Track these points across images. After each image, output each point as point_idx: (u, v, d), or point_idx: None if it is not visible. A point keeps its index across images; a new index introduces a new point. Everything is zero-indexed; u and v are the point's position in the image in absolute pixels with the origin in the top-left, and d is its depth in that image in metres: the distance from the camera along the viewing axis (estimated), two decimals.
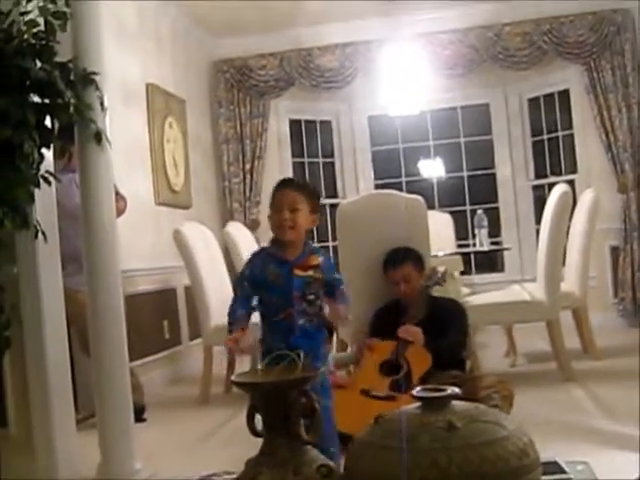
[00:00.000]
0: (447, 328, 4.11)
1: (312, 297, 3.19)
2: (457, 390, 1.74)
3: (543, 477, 1.68)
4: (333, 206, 7.73)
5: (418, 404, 1.74)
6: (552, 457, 1.99)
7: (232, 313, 3.21)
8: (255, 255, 3.34)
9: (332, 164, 9.00)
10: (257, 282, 3.22)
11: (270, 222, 3.24)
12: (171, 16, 7.36)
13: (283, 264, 3.18)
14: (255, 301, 3.28)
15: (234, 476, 1.93)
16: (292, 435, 1.79)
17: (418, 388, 1.77)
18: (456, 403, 1.73)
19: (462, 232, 8.53)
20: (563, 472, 1.96)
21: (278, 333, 3.17)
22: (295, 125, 8.88)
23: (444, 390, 1.74)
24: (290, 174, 8.54)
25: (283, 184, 3.34)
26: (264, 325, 3.26)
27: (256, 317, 3.31)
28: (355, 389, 3.84)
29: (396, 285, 4.26)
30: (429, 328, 4.06)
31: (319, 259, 3.23)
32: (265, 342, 3.22)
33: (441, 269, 4.11)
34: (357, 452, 1.72)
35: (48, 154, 3.32)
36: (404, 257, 4.32)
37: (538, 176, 8.59)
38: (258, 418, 1.91)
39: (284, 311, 3.15)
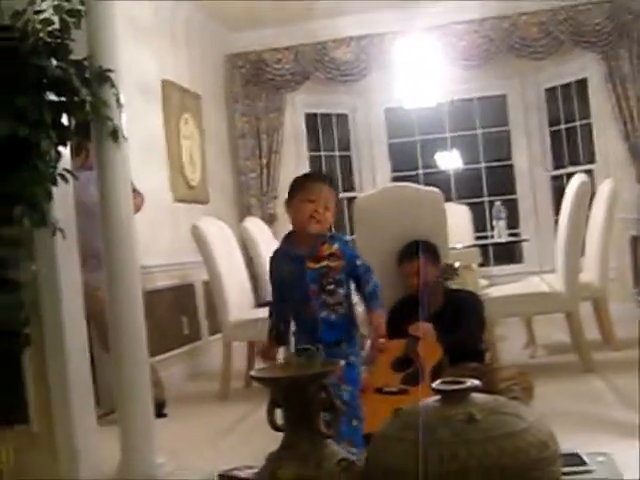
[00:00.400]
0: (463, 320, 4.11)
1: (332, 287, 3.17)
2: (477, 382, 1.74)
3: (564, 469, 1.67)
4: (350, 200, 7.73)
5: (437, 397, 1.73)
6: (573, 449, 1.98)
7: (272, 324, 3.28)
8: (272, 258, 3.35)
9: (349, 157, 9.00)
10: (278, 284, 3.26)
11: (295, 211, 3.21)
12: (186, 11, 7.36)
13: (296, 260, 3.17)
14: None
15: (255, 470, 1.94)
16: (313, 429, 1.79)
17: (438, 381, 1.77)
18: (475, 395, 1.72)
19: (480, 224, 8.50)
20: (584, 464, 1.95)
21: (305, 330, 3.20)
22: (311, 119, 8.87)
23: (463, 383, 1.73)
24: (307, 168, 8.54)
25: (319, 178, 3.38)
26: (295, 323, 3.29)
27: None
28: (370, 389, 3.84)
29: (410, 278, 4.25)
30: (445, 320, 4.06)
31: (333, 247, 3.21)
32: (297, 340, 3.24)
33: (456, 264, 4.08)
34: (377, 445, 1.72)
35: (65, 152, 3.33)
36: (417, 250, 4.31)
37: (556, 166, 8.56)
38: (278, 412, 1.92)
39: (305, 307, 3.16)
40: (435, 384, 1.77)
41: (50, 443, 3.53)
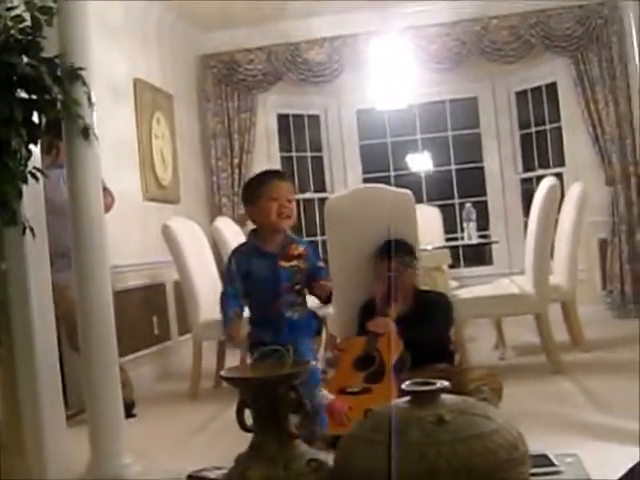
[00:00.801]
0: (432, 320, 4.13)
1: (299, 287, 3.24)
2: (446, 384, 1.75)
3: (533, 470, 1.68)
4: (321, 200, 7.73)
5: (407, 398, 1.74)
6: (541, 450, 2.00)
7: (225, 311, 3.22)
8: (237, 250, 3.36)
9: (320, 158, 9.00)
10: (243, 277, 3.22)
11: (260, 211, 3.23)
12: (157, 11, 7.33)
13: (268, 257, 3.19)
14: (243, 300, 3.29)
15: (224, 471, 1.93)
16: (282, 430, 1.79)
17: (407, 382, 1.77)
18: (445, 397, 1.74)
19: (450, 225, 8.54)
20: (552, 465, 1.97)
21: (267, 327, 3.19)
22: (283, 119, 8.86)
23: (433, 384, 1.74)
24: (278, 168, 8.53)
25: (279, 175, 3.40)
26: (252, 321, 3.27)
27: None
28: (333, 390, 3.84)
29: (384, 278, 4.25)
30: (414, 320, 4.08)
31: (301, 248, 3.27)
32: (253, 336, 3.23)
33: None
34: (347, 446, 1.72)
35: (36, 150, 3.31)
36: (394, 250, 4.32)
37: (526, 169, 8.61)
38: (248, 413, 1.91)
39: (272, 304, 3.18)
40: (405, 385, 1.77)
41: (19, 444, 3.50)
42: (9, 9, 3.10)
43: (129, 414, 4.53)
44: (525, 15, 7.78)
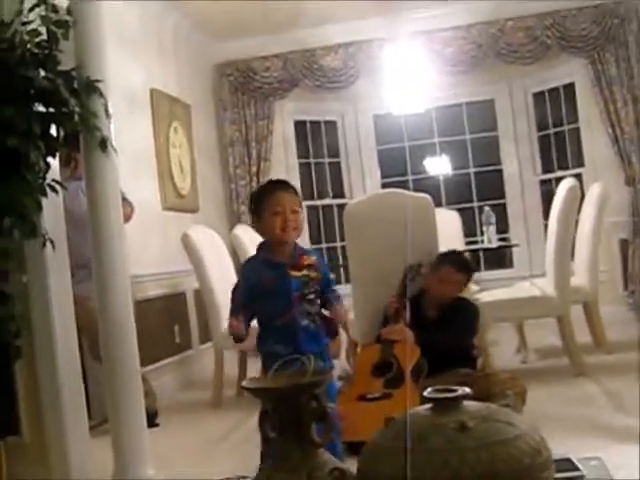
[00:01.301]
0: (459, 326, 4.13)
1: (312, 296, 3.18)
2: (468, 390, 1.74)
3: (556, 474, 1.67)
4: (340, 206, 7.73)
5: (429, 405, 1.73)
6: (565, 454, 1.99)
7: (233, 320, 3.15)
8: (246, 264, 3.35)
9: (338, 164, 9.00)
10: (254, 290, 3.18)
11: (266, 225, 3.18)
12: (173, 20, 7.37)
13: (277, 267, 3.15)
14: (251, 311, 3.22)
15: None
16: (304, 439, 1.79)
17: (429, 389, 1.77)
18: (467, 403, 1.73)
19: (470, 229, 8.52)
20: (576, 469, 1.96)
21: (282, 338, 3.13)
22: (300, 126, 8.88)
23: (455, 390, 1.73)
24: (297, 175, 8.56)
25: (281, 186, 3.29)
26: (264, 333, 3.22)
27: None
28: (352, 398, 3.84)
29: (442, 284, 4.28)
30: (442, 326, 4.10)
31: (312, 258, 3.24)
32: (266, 348, 3.18)
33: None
34: (369, 455, 1.72)
35: (54, 163, 3.33)
36: (465, 266, 4.44)
37: (545, 171, 8.58)
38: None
39: (285, 314, 3.12)
40: (426, 392, 1.77)
41: (42, 454, 3.51)
42: (25, 24, 3.12)
43: (152, 423, 4.54)
44: (541, 16, 7.77)
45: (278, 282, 3.13)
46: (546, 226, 6.24)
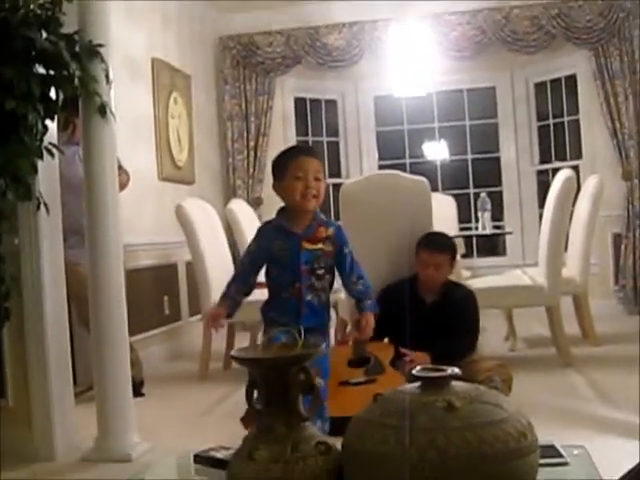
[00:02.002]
0: (459, 318, 4.10)
1: (322, 271, 3.13)
2: (457, 370, 1.74)
3: (540, 460, 1.67)
4: (336, 185, 7.71)
5: (417, 384, 1.73)
6: (549, 441, 1.99)
7: (226, 288, 3.20)
8: (262, 229, 3.27)
9: (336, 143, 8.98)
10: (264, 257, 3.16)
11: (286, 189, 3.12)
12: None
13: (291, 237, 3.10)
14: (255, 279, 3.23)
15: (231, 451, 1.93)
16: (291, 412, 1.78)
17: (418, 367, 1.77)
18: (456, 384, 1.72)
19: (465, 215, 8.51)
20: (560, 456, 1.96)
21: (286, 311, 3.12)
22: (300, 103, 8.85)
23: (444, 370, 1.73)
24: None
25: (306, 151, 3.26)
26: (271, 301, 3.22)
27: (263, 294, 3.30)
28: (335, 384, 3.81)
29: (425, 268, 4.25)
30: (438, 312, 4.09)
31: (329, 230, 3.17)
32: (270, 318, 3.17)
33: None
34: (355, 430, 1.71)
35: (52, 126, 3.31)
36: (443, 244, 4.34)
37: (542, 161, 8.57)
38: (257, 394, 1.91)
39: (291, 286, 3.10)
40: (415, 371, 1.77)
41: (26, 418, 3.52)
42: None
43: (138, 393, 4.54)
44: (547, 5, 7.74)
45: (289, 253, 3.09)
46: (541, 216, 6.24)
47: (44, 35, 3.08)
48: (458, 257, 5.92)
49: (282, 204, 3.25)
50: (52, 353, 3.49)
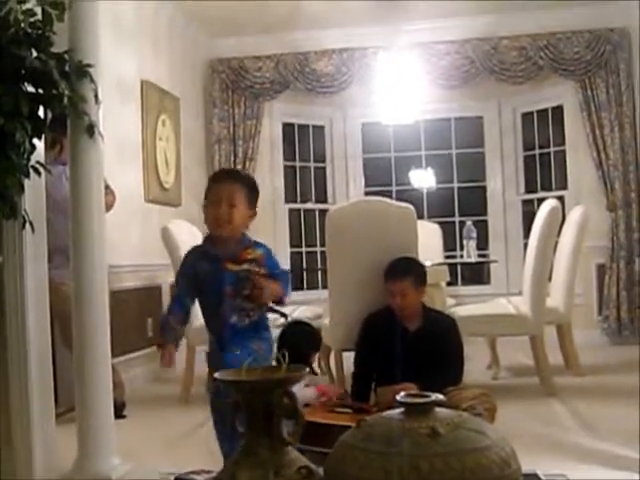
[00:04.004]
0: (444, 349, 4.08)
1: (247, 292, 3.02)
2: (441, 397, 1.73)
3: None
4: (323, 211, 7.73)
5: (401, 409, 1.73)
6: (532, 469, 1.99)
7: (164, 322, 3.15)
8: (189, 253, 3.24)
9: (323, 169, 9.00)
10: (192, 281, 3.12)
11: (204, 214, 3.13)
12: (168, 14, 7.35)
13: (214, 259, 3.06)
14: (191, 304, 3.19)
15: (213, 475, 1.92)
16: (273, 435, 1.78)
17: (402, 393, 1.76)
18: (439, 410, 1.72)
19: (450, 243, 8.54)
20: None
21: (213, 331, 3.10)
22: (288, 128, 8.87)
23: (428, 396, 1.73)
24: (281, 177, 8.58)
25: (222, 176, 3.25)
26: (205, 323, 3.20)
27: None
28: (322, 409, 3.78)
29: (394, 298, 4.20)
30: (422, 341, 4.07)
31: (257, 252, 3.09)
32: (210, 343, 3.17)
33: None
34: (338, 455, 1.71)
35: (39, 145, 3.30)
36: (405, 271, 4.26)
37: (528, 190, 8.61)
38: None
39: (217, 308, 3.05)
40: (399, 397, 1.76)
41: (7, 437, 3.48)
42: (20, 2, 3.10)
43: (119, 415, 4.51)
44: (535, 37, 7.81)
45: (212, 275, 3.04)
46: (526, 245, 6.26)
47: (34, 54, 3.07)
48: (443, 285, 5.95)
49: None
50: (34, 373, 3.46)
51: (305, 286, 8.84)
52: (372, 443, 1.63)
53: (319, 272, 8.48)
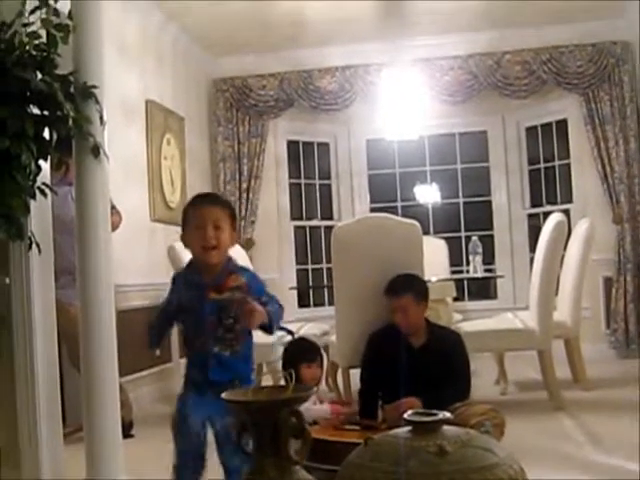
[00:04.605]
0: (450, 365, 4.07)
1: (230, 321, 2.90)
2: (448, 415, 1.73)
3: None
4: (328, 228, 7.73)
5: (408, 428, 1.72)
6: None
7: (150, 332, 3.13)
8: (173, 280, 3.16)
9: (328, 186, 9.01)
10: (175, 310, 3.04)
11: (188, 241, 2.99)
12: (172, 33, 7.38)
13: (196, 287, 2.94)
14: (167, 332, 3.15)
15: None
16: (281, 455, 1.77)
17: (410, 411, 1.76)
18: (447, 428, 1.72)
19: (456, 258, 8.52)
20: None
21: (196, 364, 2.97)
22: (293, 146, 8.88)
23: (435, 414, 1.73)
24: (286, 194, 8.58)
25: (204, 199, 3.08)
26: (186, 353, 3.08)
27: None
28: (329, 427, 3.76)
29: (396, 314, 4.20)
30: (428, 356, 4.06)
31: (241, 279, 2.92)
32: (186, 370, 3.05)
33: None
34: (346, 474, 1.71)
35: (45, 166, 3.31)
36: (405, 287, 4.24)
37: (534, 205, 8.61)
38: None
39: (199, 338, 2.92)
40: (407, 415, 1.76)
41: (14, 458, 3.48)
42: (25, 25, 3.12)
43: (127, 434, 4.51)
44: (538, 51, 7.82)
45: (194, 304, 2.92)
46: (532, 259, 6.25)
47: (39, 76, 3.09)
48: (449, 300, 5.94)
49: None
50: (42, 393, 3.46)
51: (312, 303, 8.83)
52: (380, 462, 1.63)
53: (325, 289, 8.47)
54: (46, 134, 3.18)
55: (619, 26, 7.61)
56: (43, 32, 3.12)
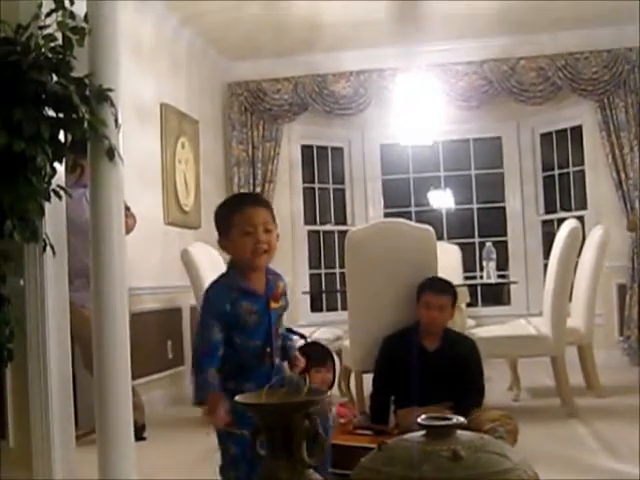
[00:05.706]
0: (464, 372, 4.09)
1: (281, 329, 2.79)
2: (462, 419, 1.72)
3: None
4: (342, 233, 7.73)
5: (422, 432, 1.72)
6: None
7: (201, 368, 2.64)
8: (217, 291, 2.76)
9: (342, 191, 9.01)
10: (229, 324, 2.67)
11: (236, 248, 2.75)
12: (187, 37, 7.40)
13: (257, 297, 2.71)
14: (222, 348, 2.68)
15: None
16: (294, 458, 1.77)
17: (423, 416, 1.76)
18: (461, 433, 1.71)
19: (470, 264, 8.51)
20: None
21: (253, 376, 2.67)
22: (307, 150, 8.88)
23: (449, 419, 1.72)
24: (300, 199, 8.58)
25: (252, 200, 2.90)
26: (230, 368, 2.69)
27: None
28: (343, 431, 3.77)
29: (429, 310, 4.24)
30: (441, 361, 4.07)
31: (282, 284, 2.81)
32: (231, 386, 2.64)
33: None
34: (359, 478, 1.70)
35: (60, 168, 3.32)
36: (447, 288, 4.34)
37: (548, 211, 8.58)
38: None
39: (263, 353, 2.70)
40: (421, 419, 1.75)
41: (27, 460, 3.49)
42: (41, 28, 3.13)
43: (139, 437, 4.51)
44: (553, 57, 7.80)
45: (258, 315, 2.68)
46: (546, 266, 6.23)
47: (54, 78, 3.10)
48: (463, 306, 5.93)
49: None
50: (55, 395, 3.47)
51: (324, 308, 8.83)
52: (393, 467, 1.62)
53: (338, 294, 8.48)
54: (61, 137, 3.20)
55: (634, 32, 7.56)
56: (59, 35, 3.14)
